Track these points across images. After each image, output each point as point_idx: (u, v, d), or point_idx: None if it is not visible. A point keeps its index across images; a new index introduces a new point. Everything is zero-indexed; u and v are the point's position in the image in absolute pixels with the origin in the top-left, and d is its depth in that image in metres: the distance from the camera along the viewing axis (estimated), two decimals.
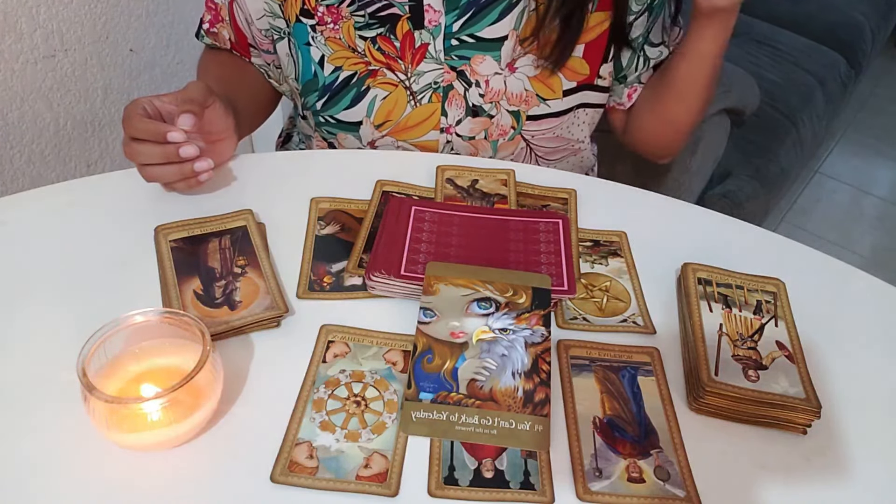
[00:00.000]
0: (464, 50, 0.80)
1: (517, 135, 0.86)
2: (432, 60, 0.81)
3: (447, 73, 0.81)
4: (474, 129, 0.85)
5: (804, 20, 2.10)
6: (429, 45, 0.80)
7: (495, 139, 0.86)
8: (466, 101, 0.83)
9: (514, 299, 0.61)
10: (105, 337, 0.52)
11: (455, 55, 0.81)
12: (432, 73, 0.81)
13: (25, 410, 0.54)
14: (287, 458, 0.51)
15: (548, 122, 0.86)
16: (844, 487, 0.54)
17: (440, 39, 0.80)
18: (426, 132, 0.85)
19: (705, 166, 1.56)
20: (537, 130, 0.87)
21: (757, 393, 0.56)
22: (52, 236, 0.67)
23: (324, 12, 0.79)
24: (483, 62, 0.81)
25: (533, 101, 0.84)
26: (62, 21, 1.12)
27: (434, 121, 0.84)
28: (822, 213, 2.21)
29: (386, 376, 0.58)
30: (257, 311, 0.61)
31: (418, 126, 0.85)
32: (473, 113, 0.84)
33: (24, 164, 1.16)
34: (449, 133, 0.85)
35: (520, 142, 0.87)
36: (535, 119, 0.85)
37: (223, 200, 0.72)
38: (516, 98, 0.83)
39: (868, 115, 2.64)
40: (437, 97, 0.83)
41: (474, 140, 0.86)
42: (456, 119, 0.84)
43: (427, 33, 0.79)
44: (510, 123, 0.85)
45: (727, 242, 0.74)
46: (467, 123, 0.85)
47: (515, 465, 0.52)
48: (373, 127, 0.85)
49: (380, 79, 0.82)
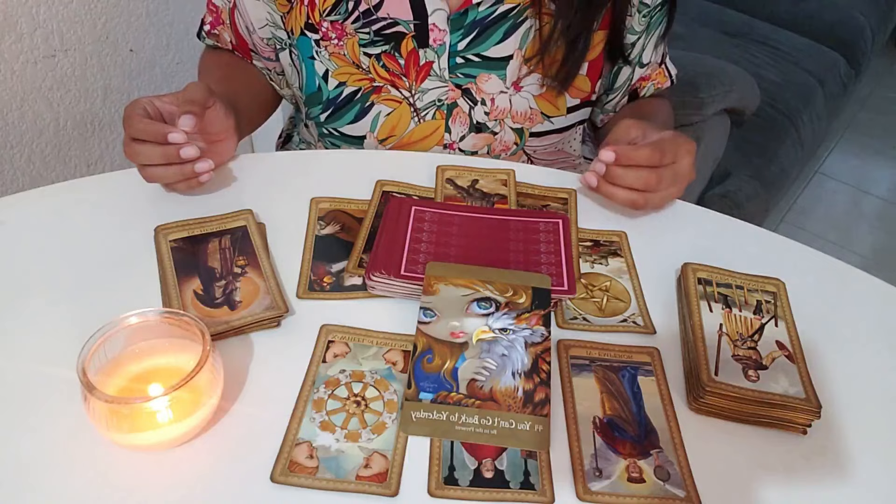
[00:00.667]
0: (469, 68, 0.81)
1: (519, 150, 0.87)
2: (436, 78, 0.81)
3: (451, 90, 0.82)
4: (477, 145, 0.86)
5: (804, 20, 2.10)
6: (433, 64, 0.80)
7: (497, 154, 0.87)
8: (471, 118, 0.83)
9: (514, 299, 0.61)
10: (105, 337, 0.52)
11: (460, 73, 0.81)
12: (436, 91, 0.82)
13: (25, 410, 0.54)
14: (287, 458, 0.51)
15: (550, 139, 0.87)
16: (844, 487, 0.54)
17: (445, 58, 0.80)
18: (429, 148, 0.85)
19: (705, 166, 1.56)
20: (539, 146, 0.87)
21: (757, 393, 0.56)
22: (52, 236, 0.67)
23: (328, 28, 0.79)
24: (489, 80, 0.81)
25: (537, 118, 0.84)
26: (62, 21, 1.12)
27: (437, 137, 0.85)
28: (822, 213, 2.21)
29: (386, 376, 0.58)
30: (257, 311, 0.61)
31: (422, 142, 0.85)
32: (477, 129, 0.84)
33: (24, 164, 1.16)
34: (452, 149, 0.86)
35: (521, 156, 0.88)
36: (538, 136, 0.86)
37: (223, 200, 0.71)
38: (521, 116, 0.84)
39: (868, 115, 2.64)
40: (441, 114, 0.83)
41: (476, 155, 0.86)
42: (459, 135, 0.85)
43: (432, 52, 0.80)
44: (513, 140, 0.85)
45: (727, 242, 0.74)
46: (470, 139, 0.85)
47: (515, 465, 0.52)
48: (376, 141, 0.85)
49: (384, 95, 0.82)
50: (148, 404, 0.49)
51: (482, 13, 0.78)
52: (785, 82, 1.83)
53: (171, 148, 0.66)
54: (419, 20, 0.78)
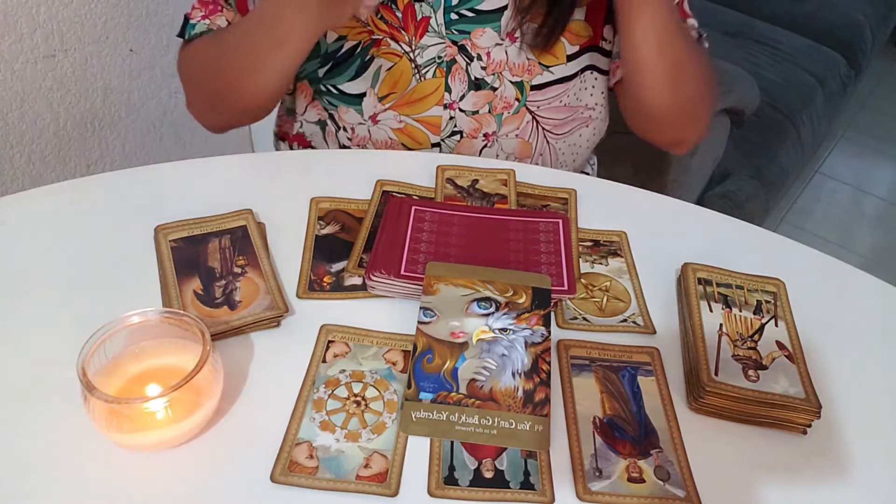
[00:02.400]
0: (463, 24, 0.80)
1: (522, 107, 0.85)
2: (435, 34, 0.80)
3: (449, 47, 0.81)
4: (477, 103, 0.84)
5: (804, 20, 2.10)
6: (430, 19, 0.79)
7: (499, 112, 0.85)
8: (469, 74, 0.82)
9: (514, 299, 0.61)
10: (105, 337, 0.52)
11: (455, 29, 0.80)
12: (435, 48, 0.81)
13: (25, 410, 0.54)
14: (287, 458, 0.51)
15: (553, 90, 0.84)
16: (844, 487, 0.54)
17: (440, 13, 0.79)
18: (429, 107, 0.84)
19: (705, 166, 1.56)
20: (543, 100, 0.85)
21: (757, 393, 0.56)
22: (52, 236, 0.67)
23: None
24: (483, 35, 0.80)
25: (536, 69, 0.82)
26: (62, 21, 1.12)
27: (438, 96, 0.83)
28: (822, 213, 2.21)
29: (386, 376, 0.58)
30: (257, 311, 0.61)
31: (422, 101, 0.83)
32: (476, 86, 0.83)
33: (24, 164, 1.16)
34: (452, 109, 0.84)
35: (525, 115, 0.85)
36: (540, 88, 0.84)
37: (223, 200, 0.71)
38: (519, 68, 0.82)
39: (868, 115, 2.64)
40: (441, 72, 0.82)
41: (478, 115, 0.84)
42: (459, 94, 0.83)
43: (427, 6, 0.79)
44: (514, 95, 0.84)
45: (727, 242, 0.74)
46: (470, 97, 0.83)
47: (515, 465, 0.52)
48: (376, 98, 0.83)
49: (384, 48, 0.81)
50: (148, 404, 0.49)
51: None
52: (785, 82, 1.83)
53: None
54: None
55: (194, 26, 0.81)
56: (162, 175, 0.76)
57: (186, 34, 0.82)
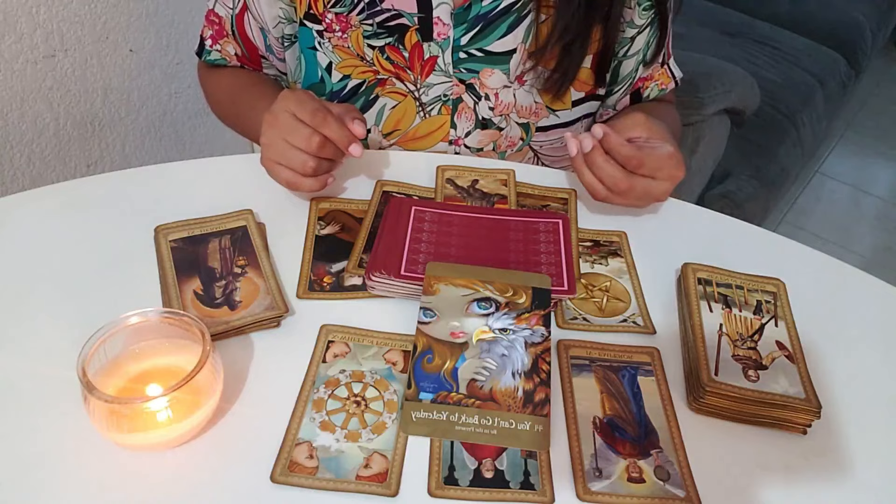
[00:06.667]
0: (472, 63, 0.81)
1: (525, 146, 0.86)
2: (441, 73, 0.81)
3: (456, 85, 0.82)
4: (483, 141, 0.85)
5: (804, 20, 2.10)
6: (437, 58, 0.80)
7: (503, 150, 0.86)
8: (476, 113, 0.83)
9: (514, 299, 0.61)
10: (105, 337, 0.52)
11: (463, 68, 0.81)
12: (441, 86, 0.82)
13: (25, 410, 0.54)
14: (287, 458, 0.51)
15: (556, 133, 0.86)
16: (844, 487, 0.54)
17: (448, 52, 0.80)
18: (434, 143, 0.85)
19: (705, 166, 1.56)
20: (545, 140, 0.87)
21: (757, 393, 0.56)
22: (52, 236, 0.67)
23: (332, 20, 0.79)
24: (492, 75, 0.81)
25: (543, 112, 0.84)
26: (62, 21, 1.12)
27: (443, 132, 0.84)
28: (822, 213, 2.21)
29: (386, 376, 0.58)
30: (257, 311, 0.61)
31: (427, 137, 0.85)
32: (483, 125, 0.84)
33: (24, 164, 1.16)
34: (458, 145, 0.85)
35: (527, 152, 0.88)
36: (545, 130, 0.86)
37: (223, 200, 0.71)
38: (526, 110, 0.83)
39: (868, 115, 2.64)
40: (447, 109, 0.83)
41: (482, 152, 0.86)
42: (465, 131, 0.84)
43: (436, 46, 0.79)
44: (519, 135, 0.85)
45: (727, 242, 0.74)
46: (476, 135, 0.85)
47: (515, 465, 0.52)
48: (381, 135, 0.85)
49: (388, 88, 0.82)
50: (148, 404, 0.49)
51: (486, 7, 0.78)
52: (785, 82, 1.83)
53: (323, 163, 0.68)
54: (423, 13, 0.78)
55: (210, 52, 0.88)
56: (162, 175, 0.76)
57: (203, 56, 0.89)
